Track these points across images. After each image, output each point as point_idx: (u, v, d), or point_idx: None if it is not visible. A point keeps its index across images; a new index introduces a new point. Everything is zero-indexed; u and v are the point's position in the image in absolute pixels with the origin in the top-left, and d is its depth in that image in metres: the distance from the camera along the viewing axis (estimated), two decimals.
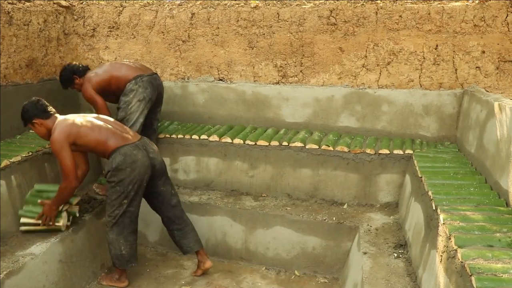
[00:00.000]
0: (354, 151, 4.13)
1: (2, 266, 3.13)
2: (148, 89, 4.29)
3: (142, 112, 4.30)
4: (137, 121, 4.28)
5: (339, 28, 4.40)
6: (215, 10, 4.78)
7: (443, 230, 2.54)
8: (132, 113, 4.26)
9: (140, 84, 4.26)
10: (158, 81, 4.51)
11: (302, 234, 4.04)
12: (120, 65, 4.42)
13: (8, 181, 3.69)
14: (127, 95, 4.25)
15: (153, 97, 4.39)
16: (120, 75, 4.30)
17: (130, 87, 4.25)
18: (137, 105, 4.26)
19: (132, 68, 4.37)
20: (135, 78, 4.27)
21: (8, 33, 4.27)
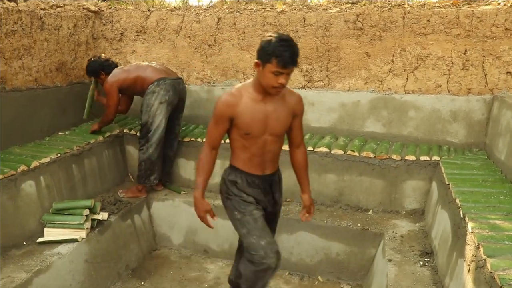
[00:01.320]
0: (380, 157, 4.09)
1: (31, 264, 3.22)
2: (170, 92, 4.31)
3: (165, 115, 4.34)
4: (161, 124, 4.33)
5: (365, 33, 4.36)
6: (241, 15, 4.81)
7: (471, 239, 2.49)
8: (155, 116, 4.29)
9: (162, 87, 4.29)
10: (182, 85, 4.52)
11: (326, 239, 4.03)
12: (146, 66, 4.47)
13: (37, 182, 3.79)
14: (149, 97, 4.29)
15: (174, 100, 4.40)
16: (145, 76, 4.36)
17: (152, 88, 4.29)
18: (160, 108, 4.29)
19: (157, 70, 4.41)
20: (157, 80, 4.30)
21: (40, 38, 4.39)
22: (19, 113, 4.19)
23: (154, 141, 4.35)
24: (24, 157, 3.86)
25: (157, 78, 4.32)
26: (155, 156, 4.41)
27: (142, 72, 4.40)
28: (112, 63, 4.59)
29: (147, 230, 4.61)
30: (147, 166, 4.42)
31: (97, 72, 4.55)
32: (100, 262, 3.81)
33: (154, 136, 4.33)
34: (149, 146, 4.36)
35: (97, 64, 4.54)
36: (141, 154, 4.43)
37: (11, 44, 4.05)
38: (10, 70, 4.08)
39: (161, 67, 4.54)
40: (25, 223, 3.62)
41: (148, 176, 4.47)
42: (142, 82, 4.36)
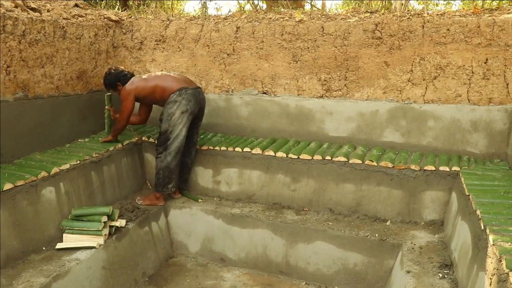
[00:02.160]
0: (399, 167, 4.05)
1: (50, 269, 3.26)
2: (191, 101, 4.35)
3: (185, 124, 4.37)
4: (181, 133, 4.36)
5: (384, 42, 4.35)
6: (260, 24, 4.84)
7: (492, 252, 2.44)
8: (175, 125, 4.33)
9: (184, 96, 4.32)
10: (201, 95, 4.56)
11: (344, 250, 3.99)
12: (166, 76, 4.50)
13: (57, 188, 3.85)
14: (170, 106, 4.31)
15: (195, 110, 4.45)
16: (165, 86, 4.39)
17: (173, 98, 4.32)
18: (181, 117, 4.32)
19: (177, 80, 4.44)
20: (179, 90, 4.33)
21: (62, 47, 4.47)
22: (40, 120, 4.27)
23: (173, 149, 4.38)
24: (44, 163, 3.92)
25: (179, 87, 4.35)
26: (173, 165, 4.44)
27: (162, 81, 4.43)
28: (127, 74, 4.61)
29: (164, 237, 4.63)
30: (165, 174, 4.45)
31: (114, 84, 4.59)
32: (117, 269, 3.84)
33: (173, 144, 4.37)
34: (167, 154, 4.39)
35: (112, 76, 4.58)
36: (159, 162, 4.45)
37: (34, 53, 4.13)
38: (33, 78, 4.16)
39: (180, 76, 4.56)
40: (44, 228, 3.67)
41: (166, 184, 4.50)
42: (162, 91, 4.39)
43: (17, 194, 3.43)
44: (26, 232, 3.50)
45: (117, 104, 4.79)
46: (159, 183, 4.50)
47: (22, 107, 4.04)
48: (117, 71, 4.61)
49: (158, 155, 4.47)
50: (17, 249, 3.40)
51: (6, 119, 3.87)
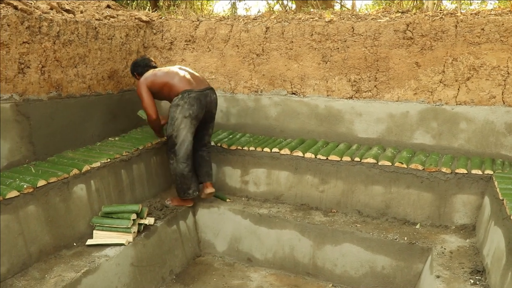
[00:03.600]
0: (429, 170, 3.98)
1: (80, 265, 3.33)
2: (194, 106, 4.23)
3: (189, 129, 4.29)
4: (186, 139, 4.30)
5: (415, 42, 4.28)
6: (289, 24, 4.82)
7: None
8: (179, 130, 4.26)
9: (186, 100, 4.21)
10: (209, 97, 4.40)
11: (372, 252, 3.94)
12: (174, 74, 4.38)
13: (87, 185, 3.92)
14: (173, 110, 4.26)
15: (199, 114, 4.32)
16: (172, 84, 4.31)
17: (176, 101, 4.25)
18: (184, 122, 4.24)
19: (185, 80, 4.33)
20: (182, 93, 4.24)
21: (94, 47, 4.56)
22: (72, 118, 4.36)
23: (181, 155, 4.34)
24: (76, 161, 4.00)
25: (183, 90, 4.26)
26: (186, 171, 4.39)
27: (170, 79, 4.35)
28: (145, 66, 4.61)
29: (192, 236, 4.66)
30: (182, 181, 4.43)
31: (132, 72, 4.70)
32: (145, 266, 3.89)
33: (181, 150, 4.32)
34: (178, 161, 4.36)
35: (132, 65, 4.69)
36: (172, 168, 4.43)
37: (68, 53, 4.23)
38: (66, 77, 4.25)
39: (190, 76, 4.43)
40: (75, 224, 3.75)
41: (186, 190, 4.48)
42: (169, 90, 4.33)
43: (50, 190, 3.51)
44: (58, 228, 3.58)
45: None
46: (179, 189, 4.51)
47: (55, 106, 4.14)
48: (138, 60, 4.70)
49: (170, 160, 4.44)
50: (50, 244, 3.48)
51: (40, 118, 3.97)
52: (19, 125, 3.77)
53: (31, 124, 3.88)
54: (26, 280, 3.11)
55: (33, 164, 3.88)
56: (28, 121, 3.85)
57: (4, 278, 3.10)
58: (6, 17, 3.57)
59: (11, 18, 3.61)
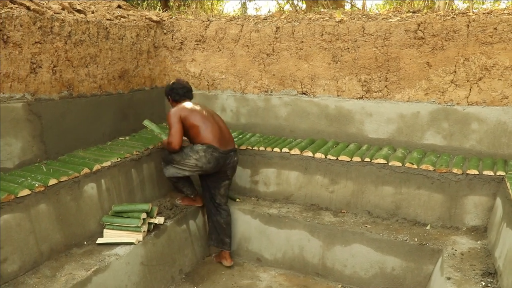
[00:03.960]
0: (440, 170, 3.95)
1: (90, 263, 3.36)
2: (210, 164, 4.13)
3: (190, 173, 4.24)
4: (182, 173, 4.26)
5: (426, 42, 4.25)
6: (300, 24, 4.81)
7: None
8: (184, 165, 4.19)
9: (208, 156, 4.11)
10: (229, 160, 4.28)
11: (382, 253, 3.93)
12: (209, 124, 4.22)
13: (98, 184, 3.95)
14: (192, 153, 4.13)
15: (210, 171, 4.22)
16: (201, 131, 4.16)
17: (199, 148, 4.12)
18: (191, 167, 4.17)
19: (215, 135, 4.19)
20: (208, 146, 4.12)
21: (105, 47, 4.58)
22: (83, 118, 4.39)
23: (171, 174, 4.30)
24: (87, 160, 4.03)
25: (209, 143, 4.14)
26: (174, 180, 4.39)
27: (203, 124, 4.18)
28: (180, 94, 4.38)
29: (202, 236, 4.67)
30: (174, 184, 4.51)
31: (166, 95, 4.50)
32: (155, 265, 3.90)
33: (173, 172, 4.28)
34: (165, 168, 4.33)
35: (168, 87, 4.46)
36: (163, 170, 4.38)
37: (79, 53, 4.25)
38: (77, 77, 4.28)
39: (221, 131, 4.28)
40: (86, 223, 3.78)
41: (181, 191, 4.57)
42: (196, 133, 4.18)
43: (61, 189, 3.54)
44: (69, 226, 3.60)
45: (162, 108, 4.82)
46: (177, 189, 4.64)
47: (66, 106, 4.17)
48: (172, 86, 4.43)
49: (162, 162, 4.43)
50: (61, 242, 3.51)
51: (51, 117, 4.00)
52: (31, 124, 3.81)
53: (43, 123, 3.92)
54: (38, 278, 3.14)
55: (45, 163, 3.91)
56: (39, 121, 3.88)
57: (16, 276, 3.13)
58: (19, 18, 3.61)
59: (23, 18, 3.64)
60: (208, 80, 5.45)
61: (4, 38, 3.52)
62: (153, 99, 5.52)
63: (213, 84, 5.43)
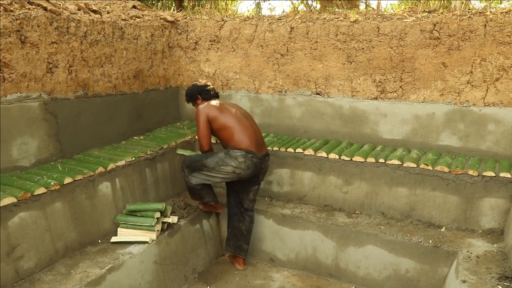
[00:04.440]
0: (455, 172, 3.91)
1: (105, 261, 3.39)
2: (249, 170, 3.96)
3: (226, 180, 4.10)
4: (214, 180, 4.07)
5: (442, 43, 4.21)
6: (314, 25, 4.80)
7: None
8: (218, 172, 3.99)
9: (247, 162, 3.92)
10: (264, 165, 4.15)
11: (396, 255, 3.90)
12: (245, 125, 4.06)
13: (113, 183, 3.97)
14: (230, 159, 3.92)
15: (245, 177, 4.05)
16: (236, 133, 3.98)
17: (238, 154, 3.91)
18: (228, 174, 3.98)
19: (253, 140, 4.01)
20: (247, 152, 3.93)
21: (120, 47, 4.62)
22: (98, 117, 4.42)
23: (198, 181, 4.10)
24: (102, 159, 4.06)
25: (247, 148, 3.94)
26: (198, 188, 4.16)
27: (238, 127, 4.01)
28: (210, 90, 4.29)
29: (215, 235, 4.68)
30: (194, 192, 4.23)
31: (195, 96, 4.29)
32: (168, 264, 3.92)
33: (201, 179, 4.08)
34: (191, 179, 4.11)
35: (196, 87, 4.30)
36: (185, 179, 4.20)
37: (94, 53, 4.29)
38: (93, 77, 4.32)
39: (257, 136, 4.12)
40: (100, 222, 3.80)
41: (201, 198, 4.30)
42: (231, 136, 3.99)
43: (76, 188, 3.57)
44: (84, 224, 3.63)
45: (176, 108, 4.85)
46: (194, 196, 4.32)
47: (82, 105, 4.21)
48: (201, 85, 4.31)
49: (183, 172, 4.19)
50: (75, 240, 3.54)
51: (67, 116, 4.04)
52: (47, 123, 3.85)
53: (59, 122, 3.96)
54: (53, 275, 3.17)
55: (60, 161, 3.95)
56: (55, 120, 3.92)
57: (32, 272, 3.17)
58: (36, 18, 3.65)
59: (40, 19, 3.69)
60: (222, 80, 5.46)
61: (22, 39, 3.56)
62: (168, 98, 5.55)
63: (227, 84, 5.43)
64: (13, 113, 3.55)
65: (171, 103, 5.62)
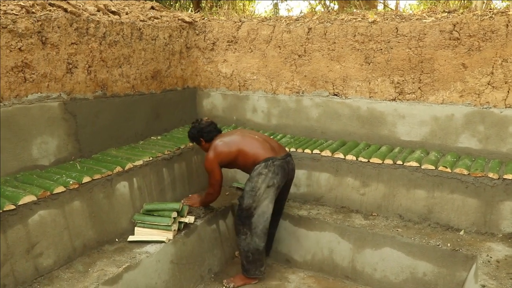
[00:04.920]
0: (475, 175, 3.85)
1: (122, 260, 3.42)
2: (279, 175, 3.83)
3: (272, 200, 3.86)
4: (267, 211, 3.86)
5: (462, 43, 4.15)
6: (332, 25, 4.78)
7: None
8: (260, 200, 3.81)
9: (271, 169, 3.79)
10: (291, 165, 4.02)
11: (413, 258, 3.85)
12: (251, 140, 3.98)
13: (130, 183, 4.01)
14: (255, 180, 3.81)
15: (282, 183, 3.91)
16: (249, 152, 3.89)
17: (259, 170, 3.80)
18: (267, 192, 3.81)
19: (266, 147, 3.92)
20: (266, 160, 3.81)
21: (138, 47, 4.66)
22: (116, 117, 4.47)
23: (260, 229, 3.88)
24: (119, 159, 4.10)
25: (265, 157, 3.83)
26: (262, 246, 3.94)
27: (246, 145, 3.93)
28: (212, 130, 4.16)
29: (231, 236, 4.68)
30: (256, 257, 3.97)
31: (197, 138, 4.20)
32: (184, 264, 3.94)
33: (259, 223, 3.86)
34: (253, 234, 3.89)
35: (196, 130, 4.18)
36: (244, 243, 3.94)
37: (113, 53, 4.33)
38: (111, 77, 4.36)
39: (268, 142, 4.04)
40: (118, 221, 3.84)
41: (257, 267, 4.03)
42: (245, 158, 3.91)
43: (94, 187, 3.61)
44: (101, 223, 3.67)
45: (193, 108, 4.88)
46: (251, 267, 4.02)
47: (100, 105, 4.25)
48: (202, 125, 4.17)
49: (240, 234, 3.95)
50: (93, 239, 3.59)
51: (86, 116, 4.09)
52: (66, 123, 3.90)
53: (78, 122, 4.01)
54: (71, 273, 3.21)
55: (79, 161, 4.00)
56: (74, 119, 3.97)
57: (50, 270, 3.21)
58: (57, 20, 3.70)
59: (61, 20, 3.74)
60: (239, 80, 5.47)
61: (43, 40, 3.62)
62: (185, 99, 5.58)
63: (245, 84, 5.44)
64: (34, 112, 3.60)
65: (189, 103, 5.65)
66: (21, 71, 3.49)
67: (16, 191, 3.13)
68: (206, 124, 4.18)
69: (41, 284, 3.06)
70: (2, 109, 3.36)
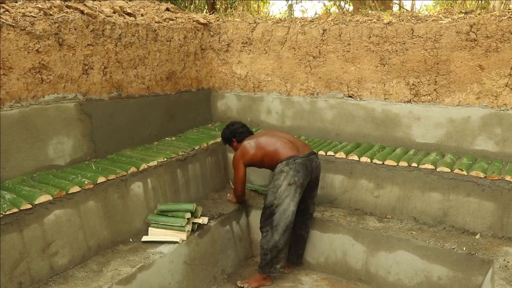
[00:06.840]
0: (491, 178, 3.80)
1: (136, 260, 3.44)
2: (300, 172, 3.85)
3: (294, 198, 3.88)
4: (288, 208, 3.88)
5: (479, 44, 4.10)
6: (347, 27, 4.76)
7: None
8: (282, 198, 3.86)
9: (292, 166, 3.84)
10: (315, 163, 4.03)
11: (427, 261, 3.81)
12: (275, 140, 4.08)
13: (144, 183, 4.04)
14: (277, 178, 3.89)
15: (304, 182, 3.92)
16: (272, 152, 4.01)
17: (280, 168, 3.89)
18: (288, 189, 3.85)
19: (288, 146, 4.00)
20: (287, 159, 3.89)
21: (153, 49, 4.69)
22: (131, 118, 4.50)
23: (281, 226, 3.90)
24: (134, 159, 4.13)
25: (287, 156, 3.91)
26: (281, 243, 3.95)
27: (270, 146, 4.05)
28: (244, 132, 4.38)
29: (245, 237, 4.69)
30: (273, 255, 3.99)
31: (230, 139, 4.40)
32: (198, 265, 3.95)
33: (280, 221, 3.90)
34: (274, 231, 3.93)
35: (229, 131, 4.41)
36: (265, 241, 3.99)
37: (128, 55, 4.37)
38: (126, 78, 4.39)
39: (292, 140, 4.15)
40: (132, 221, 3.87)
41: (274, 264, 4.04)
42: (271, 158, 4.02)
43: (109, 187, 3.64)
44: (116, 223, 3.70)
45: (208, 109, 4.88)
46: (266, 264, 4.03)
47: (116, 106, 4.29)
48: (236, 126, 4.42)
49: (263, 231, 4.03)
50: (107, 238, 3.62)
51: (101, 117, 4.12)
52: (82, 123, 3.94)
53: (93, 122, 4.05)
54: (86, 272, 3.25)
55: (94, 161, 4.04)
56: (90, 120, 4.02)
57: (65, 269, 3.25)
58: (73, 21, 3.74)
59: (77, 22, 3.78)
60: (254, 82, 5.47)
61: (60, 41, 3.66)
62: (200, 100, 5.60)
63: (259, 86, 5.45)
64: (50, 113, 3.65)
65: (203, 104, 5.67)
66: (38, 72, 3.54)
67: (33, 191, 3.17)
68: (239, 126, 4.43)
69: (56, 283, 3.10)
70: (20, 109, 3.41)
